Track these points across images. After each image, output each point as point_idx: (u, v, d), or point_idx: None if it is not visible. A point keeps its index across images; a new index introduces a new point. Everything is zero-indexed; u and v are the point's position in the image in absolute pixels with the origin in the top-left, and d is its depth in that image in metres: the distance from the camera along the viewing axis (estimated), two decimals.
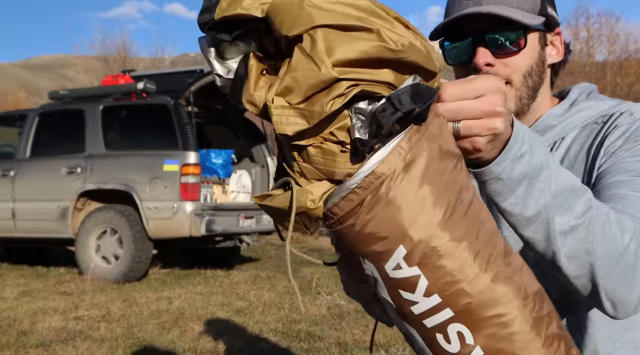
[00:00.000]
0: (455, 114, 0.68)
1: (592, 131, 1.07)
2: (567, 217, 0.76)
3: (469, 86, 0.69)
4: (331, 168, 0.60)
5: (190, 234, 6.23)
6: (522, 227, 0.77)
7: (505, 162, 0.72)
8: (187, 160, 6.23)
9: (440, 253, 0.61)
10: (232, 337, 4.12)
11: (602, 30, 17.29)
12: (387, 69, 0.58)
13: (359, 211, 0.61)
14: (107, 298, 5.34)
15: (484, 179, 0.75)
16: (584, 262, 0.78)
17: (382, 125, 0.57)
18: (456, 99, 0.68)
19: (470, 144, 0.70)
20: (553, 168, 0.76)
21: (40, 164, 7.00)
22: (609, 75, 16.18)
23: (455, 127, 0.68)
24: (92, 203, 6.77)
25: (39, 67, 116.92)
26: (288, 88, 0.57)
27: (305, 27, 0.56)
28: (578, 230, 0.77)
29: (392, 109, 0.57)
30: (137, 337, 4.07)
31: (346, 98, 0.57)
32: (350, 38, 0.56)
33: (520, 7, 1.04)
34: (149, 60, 23.57)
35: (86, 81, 20.98)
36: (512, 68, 1.05)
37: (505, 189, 0.74)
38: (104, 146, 6.71)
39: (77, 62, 23.10)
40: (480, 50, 1.04)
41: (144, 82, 6.81)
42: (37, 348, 3.80)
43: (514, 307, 0.64)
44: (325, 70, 0.55)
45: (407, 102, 0.57)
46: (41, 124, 7.18)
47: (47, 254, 8.04)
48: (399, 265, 0.61)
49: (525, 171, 0.73)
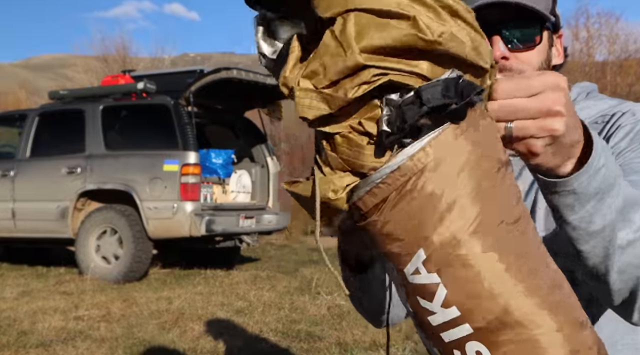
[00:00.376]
0: (508, 113, 0.62)
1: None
2: (626, 232, 0.73)
3: (525, 82, 0.63)
4: (357, 160, 0.57)
5: (190, 234, 6.23)
6: (582, 241, 0.73)
7: (584, 175, 0.67)
8: (187, 160, 6.24)
9: (463, 262, 0.56)
10: (232, 337, 4.13)
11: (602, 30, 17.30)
12: (424, 60, 0.55)
13: (382, 207, 0.57)
14: (107, 298, 5.34)
15: (557, 190, 0.69)
16: (632, 276, 0.76)
17: (407, 119, 0.54)
18: (509, 97, 0.62)
19: (525, 147, 0.65)
20: (622, 181, 0.73)
21: (40, 164, 7.01)
22: (608, 75, 16.18)
23: (508, 128, 0.63)
24: (92, 203, 6.77)
25: (39, 67, 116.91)
26: (314, 71, 0.55)
27: (340, 9, 0.53)
28: (635, 245, 0.74)
29: (419, 102, 0.54)
30: (137, 337, 4.07)
31: (371, 86, 0.54)
32: (384, 24, 0.53)
33: (536, 2, 1.01)
34: (148, 60, 23.58)
35: (86, 81, 20.99)
36: (526, 63, 1.03)
37: (576, 202, 0.69)
38: (104, 146, 6.71)
39: (77, 62, 23.11)
40: (496, 41, 1.01)
41: (144, 82, 6.81)
42: (37, 348, 3.80)
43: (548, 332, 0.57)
44: (351, 55, 0.53)
45: (436, 96, 0.54)
46: (41, 124, 7.18)
47: (47, 254, 8.04)
48: (417, 270, 0.57)
49: (600, 186, 0.69)
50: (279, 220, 7.38)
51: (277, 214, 7.43)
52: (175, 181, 6.22)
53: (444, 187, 0.56)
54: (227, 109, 7.47)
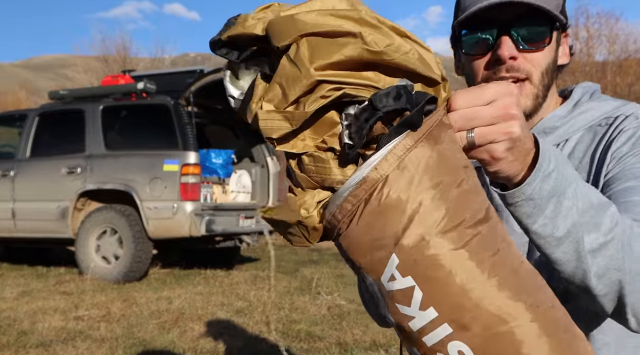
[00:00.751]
0: (467, 121, 0.65)
1: (596, 134, 1.04)
2: (596, 235, 0.74)
3: (480, 92, 0.66)
4: (323, 175, 0.60)
5: (190, 234, 6.23)
6: (552, 248, 0.75)
7: (535, 181, 0.70)
8: (187, 160, 6.23)
9: (434, 262, 0.58)
10: (232, 337, 4.12)
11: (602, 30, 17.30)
12: (376, 72, 0.58)
13: (353, 220, 0.60)
14: (107, 298, 5.34)
15: (514, 201, 0.72)
16: (613, 280, 0.76)
17: (363, 127, 0.57)
18: (467, 106, 0.65)
19: (488, 153, 0.67)
20: (579, 184, 0.74)
21: (40, 164, 7.00)
22: (608, 75, 16.18)
23: (470, 137, 0.65)
24: (92, 203, 6.77)
25: (39, 67, 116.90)
26: (275, 94, 0.58)
27: (292, 36, 0.57)
28: (607, 248, 0.75)
29: (371, 109, 0.57)
30: (137, 337, 4.07)
31: (328, 100, 0.57)
32: (333, 43, 0.57)
33: (547, 2, 1.00)
34: (149, 60, 23.58)
35: (86, 81, 20.99)
36: (533, 64, 1.02)
37: (535, 209, 0.72)
38: (104, 146, 6.71)
39: (77, 62, 23.12)
40: (506, 41, 1.01)
41: (144, 82, 6.81)
42: (37, 348, 3.80)
43: (524, 323, 0.58)
44: (306, 73, 0.56)
45: (388, 102, 0.56)
46: (41, 124, 7.18)
47: (47, 254, 8.04)
48: (393, 276, 0.59)
49: (553, 188, 0.71)
50: None
51: None
52: (175, 181, 6.22)
53: (408, 193, 0.58)
54: (227, 109, 7.46)
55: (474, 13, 1.01)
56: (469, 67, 1.09)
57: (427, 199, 0.58)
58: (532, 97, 1.04)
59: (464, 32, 1.07)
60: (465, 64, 1.10)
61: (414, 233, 0.58)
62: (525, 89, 1.04)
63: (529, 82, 1.03)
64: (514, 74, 1.03)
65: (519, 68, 1.02)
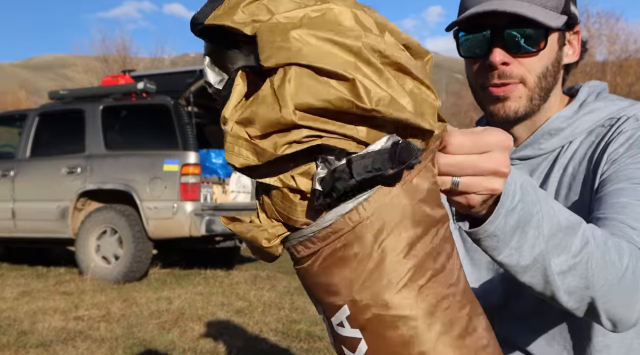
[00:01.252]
0: (458, 169, 0.63)
1: (597, 136, 1.04)
2: (565, 257, 0.73)
3: (477, 140, 0.63)
4: (289, 215, 0.58)
5: (190, 234, 6.23)
6: (520, 274, 0.74)
7: (498, 218, 0.68)
8: (187, 160, 6.23)
9: (386, 323, 0.56)
10: (232, 337, 4.12)
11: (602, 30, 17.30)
12: (362, 124, 0.54)
13: (313, 259, 0.58)
14: (107, 298, 5.34)
15: (477, 238, 0.71)
16: (584, 296, 0.76)
17: (336, 189, 0.54)
18: (463, 152, 0.62)
19: (465, 200, 0.66)
20: (545, 208, 0.72)
21: (40, 164, 7.00)
22: (609, 75, 16.17)
23: (454, 182, 0.64)
24: (92, 203, 6.77)
25: (39, 67, 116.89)
26: (248, 119, 0.54)
27: (282, 61, 0.52)
28: (576, 268, 0.74)
29: (348, 173, 0.53)
30: (137, 337, 4.07)
31: (302, 146, 0.53)
32: (322, 84, 0.52)
33: (543, 4, 1.00)
34: (149, 60, 23.58)
35: (86, 81, 20.99)
36: (528, 68, 1.02)
37: (499, 243, 0.71)
38: (104, 146, 6.71)
39: (77, 62, 23.12)
40: (497, 48, 1.00)
41: (144, 82, 6.81)
42: (37, 348, 3.80)
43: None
44: (285, 111, 0.52)
45: (363, 170, 0.53)
46: (41, 124, 7.18)
47: (47, 254, 8.04)
48: (342, 323, 0.58)
49: (517, 221, 0.70)
50: None
51: None
52: (175, 181, 6.22)
53: (374, 246, 0.55)
54: None
55: (467, 18, 1.01)
56: (468, 70, 1.09)
57: (393, 255, 0.55)
58: (525, 98, 1.04)
59: (460, 35, 1.06)
60: (465, 66, 1.10)
61: (371, 289, 0.56)
62: (517, 91, 1.03)
63: (522, 85, 1.03)
64: (506, 81, 1.02)
65: (511, 74, 1.01)
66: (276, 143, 0.53)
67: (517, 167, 1.11)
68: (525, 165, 1.11)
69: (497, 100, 1.05)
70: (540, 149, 1.08)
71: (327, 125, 0.53)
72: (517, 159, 1.11)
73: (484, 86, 1.06)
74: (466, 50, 1.06)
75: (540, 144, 1.08)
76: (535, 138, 1.08)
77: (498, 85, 1.03)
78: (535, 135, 1.08)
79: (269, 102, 0.53)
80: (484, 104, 1.09)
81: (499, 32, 1.00)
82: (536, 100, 1.04)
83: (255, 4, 0.55)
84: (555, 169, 1.07)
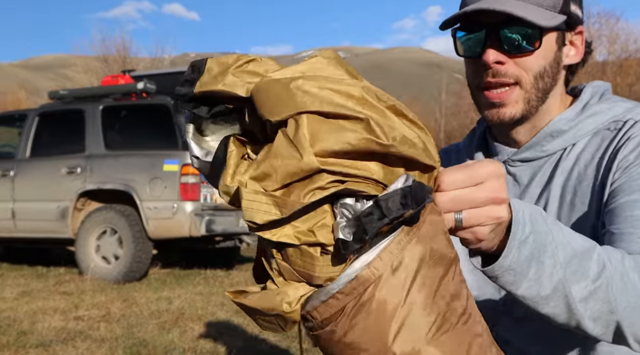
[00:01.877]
0: (457, 204, 0.63)
1: (603, 139, 1.02)
2: (584, 283, 0.73)
3: (469, 173, 0.63)
4: (310, 272, 0.55)
5: (190, 234, 6.23)
6: (541, 306, 0.73)
7: (512, 251, 0.68)
8: (187, 160, 6.23)
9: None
10: (232, 337, 4.12)
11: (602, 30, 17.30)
12: (377, 162, 0.54)
13: (339, 318, 0.55)
14: (107, 298, 5.34)
15: (494, 275, 0.70)
16: (609, 320, 0.76)
17: (367, 231, 0.52)
18: (456, 187, 0.62)
19: (472, 234, 0.65)
20: (558, 236, 0.72)
21: (40, 164, 7.00)
22: (609, 75, 16.17)
23: (457, 218, 0.63)
24: (92, 203, 6.77)
25: (39, 67, 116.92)
26: (265, 173, 0.52)
27: (290, 112, 0.52)
28: (597, 293, 0.74)
29: (379, 213, 0.52)
30: (137, 337, 4.07)
31: (326, 192, 0.52)
32: (337, 127, 0.52)
33: (539, 4, 0.98)
34: (148, 60, 23.57)
35: (86, 81, 20.98)
36: (524, 68, 1.00)
37: (517, 277, 0.70)
38: (103, 146, 6.71)
39: (77, 62, 23.11)
40: (491, 48, 0.99)
41: (143, 82, 6.81)
42: (37, 348, 3.80)
43: None
44: (307, 158, 0.51)
45: (395, 207, 0.52)
46: (41, 124, 7.18)
47: (47, 254, 8.04)
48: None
49: (531, 252, 0.69)
50: None
51: None
52: (175, 181, 6.22)
53: (401, 295, 0.54)
54: None
55: (459, 16, 1.00)
56: (466, 70, 1.08)
57: (419, 303, 0.54)
58: (522, 101, 1.02)
59: (458, 35, 1.05)
60: (464, 66, 1.09)
61: (405, 341, 0.54)
62: (514, 94, 1.02)
63: (518, 86, 1.01)
64: (500, 79, 1.01)
65: (505, 73, 1.00)
66: (299, 192, 0.52)
67: (519, 169, 1.11)
68: (527, 167, 1.10)
69: (492, 105, 1.04)
70: (542, 151, 1.07)
71: (347, 167, 0.53)
72: (518, 160, 1.10)
73: (480, 87, 1.05)
74: (463, 49, 1.05)
75: (542, 146, 1.07)
76: (537, 140, 1.07)
77: (493, 85, 1.02)
78: (537, 137, 1.07)
79: (286, 152, 0.52)
80: (480, 107, 1.08)
81: (493, 31, 0.99)
82: (533, 102, 1.03)
83: (243, 68, 0.55)
84: (558, 172, 1.06)
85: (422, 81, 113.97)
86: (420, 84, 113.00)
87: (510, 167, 1.11)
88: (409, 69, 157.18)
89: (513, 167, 1.11)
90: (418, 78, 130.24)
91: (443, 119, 13.61)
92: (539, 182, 1.08)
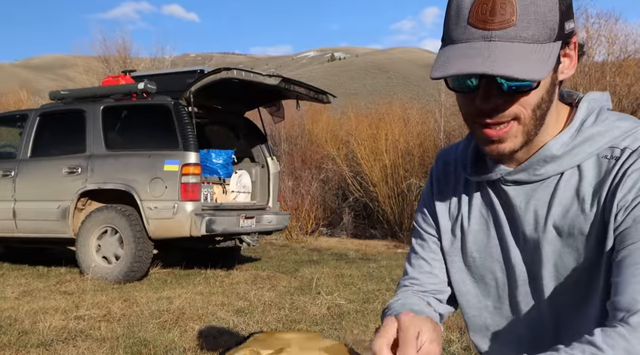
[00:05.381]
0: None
1: (601, 169, 1.00)
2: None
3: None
4: None
5: (190, 234, 6.24)
6: None
7: None
8: (187, 161, 6.25)
9: None
10: (232, 337, 4.13)
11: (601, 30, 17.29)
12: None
13: None
14: (107, 298, 5.35)
15: None
16: None
17: None
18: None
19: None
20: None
21: (41, 164, 7.02)
22: (608, 75, 16.17)
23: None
24: (92, 203, 6.79)
25: (40, 67, 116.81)
26: None
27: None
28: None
29: None
30: (138, 337, 4.08)
31: None
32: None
33: (535, 39, 0.90)
34: (149, 61, 23.53)
35: (87, 81, 20.96)
36: (522, 105, 0.96)
37: None
38: (104, 146, 6.72)
39: (78, 62, 23.07)
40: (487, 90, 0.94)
41: (144, 82, 6.82)
42: (38, 348, 3.81)
43: None
44: None
45: None
46: (42, 124, 7.19)
47: (48, 254, 8.05)
48: None
49: None
50: (279, 220, 7.39)
51: (277, 214, 7.45)
52: (175, 181, 6.23)
53: None
54: (227, 109, 7.48)
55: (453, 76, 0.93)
56: (458, 101, 1.04)
57: None
58: (522, 134, 0.99)
59: None
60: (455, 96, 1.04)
61: None
62: (513, 129, 0.99)
63: (517, 122, 0.98)
64: (499, 120, 0.98)
65: (504, 114, 0.96)
66: None
67: (513, 189, 1.08)
68: (520, 190, 1.08)
69: (491, 142, 1.01)
70: (536, 175, 1.05)
71: None
72: (511, 182, 1.08)
73: (475, 122, 1.01)
74: (455, 84, 0.97)
75: (535, 170, 1.05)
76: (529, 164, 1.05)
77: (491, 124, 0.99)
78: (530, 161, 1.04)
79: None
80: (478, 140, 1.04)
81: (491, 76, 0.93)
82: (532, 131, 1.00)
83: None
84: (555, 202, 1.03)
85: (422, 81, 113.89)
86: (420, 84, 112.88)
87: (504, 186, 1.09)
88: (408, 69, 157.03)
89: (507, 186, 1.09)
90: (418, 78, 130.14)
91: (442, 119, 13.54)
92: (534, 209, 1.06)
